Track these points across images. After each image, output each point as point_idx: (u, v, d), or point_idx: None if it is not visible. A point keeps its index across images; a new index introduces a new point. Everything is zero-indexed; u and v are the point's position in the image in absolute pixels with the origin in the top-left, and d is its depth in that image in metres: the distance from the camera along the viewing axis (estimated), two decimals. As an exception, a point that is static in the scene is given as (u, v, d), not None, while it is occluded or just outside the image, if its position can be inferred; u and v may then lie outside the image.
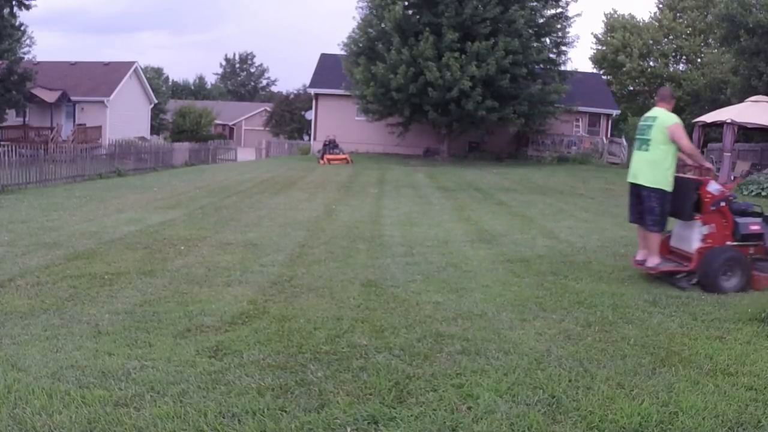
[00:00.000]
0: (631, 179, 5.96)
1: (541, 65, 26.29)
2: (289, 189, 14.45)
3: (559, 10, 26.58)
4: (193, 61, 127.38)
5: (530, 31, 24.68)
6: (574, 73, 27.64)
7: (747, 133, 22.68)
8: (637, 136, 5.98)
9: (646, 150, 5.79)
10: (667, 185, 5.70)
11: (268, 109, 51.02)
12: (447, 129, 26.04)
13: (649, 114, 5.94)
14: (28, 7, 26.30)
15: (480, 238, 8.20)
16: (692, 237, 5.78)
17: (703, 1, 37.66)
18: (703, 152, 21.51)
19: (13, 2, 25.90)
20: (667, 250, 6.09)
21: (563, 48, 26.99)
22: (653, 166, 5.72)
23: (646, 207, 5.77)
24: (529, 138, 29.13)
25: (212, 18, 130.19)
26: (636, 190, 5.91)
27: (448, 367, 3.58)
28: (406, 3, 24.96)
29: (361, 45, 25.70)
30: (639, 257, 6.06)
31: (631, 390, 3.30)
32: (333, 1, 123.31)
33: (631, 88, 40.30)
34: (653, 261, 5.82)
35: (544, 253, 7.21)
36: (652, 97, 39.29)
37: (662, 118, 5.76)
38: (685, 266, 5.74)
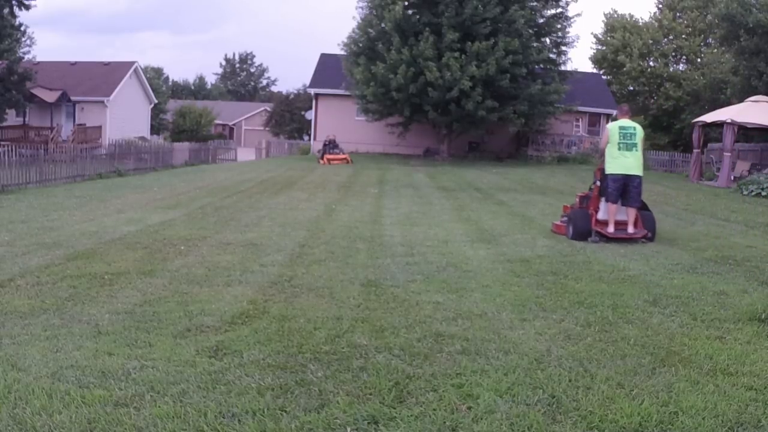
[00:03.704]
0: (629, 171, 7.90)
1: (541, 65, 26.31)
2: (289, 189, 14.45)
3: (559, 10, 26.63)
4: (193, 61, 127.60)
5: (530, 31, 24.71)
6: (574, 73, 27.65)
7: (747, 133, 22.66)
8: (625, 141, 7.95)
9: (637, 150, 7.99)
10: None
11: (268, 109, 51.04)
12: (447, 129, 26.05)
13: (627, 124, 8.09)
14: (28, 7, 26.32)
15: (480, 238, 8.20)
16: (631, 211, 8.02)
17: (703, 1, 37.59)
18: (702, 152, 21.53)
19: (13, 2, 25.91)
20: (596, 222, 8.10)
21: (563, 48, 27.06)
22: (642, 162, 8.09)
23: (638, 192, 7.96)
24: (529, 138, 29.15)
25: (212, 18, 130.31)
26: (629, 180, 7.90)
27: (448, 367, 3.58)
28: (406, 3, 24.97)
29: (361, 45, 25.71)
30: (631, 230, 7.91)
31: (631, 390, 3.30)
32: (333, 1, 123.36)
33: (631, 88, 40.23)
34: (632, 229, 7.94)
35: (544, 253, 7.21)
36: (653, 96, 39.34)
37: (639, 127, 8.11)
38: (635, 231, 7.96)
